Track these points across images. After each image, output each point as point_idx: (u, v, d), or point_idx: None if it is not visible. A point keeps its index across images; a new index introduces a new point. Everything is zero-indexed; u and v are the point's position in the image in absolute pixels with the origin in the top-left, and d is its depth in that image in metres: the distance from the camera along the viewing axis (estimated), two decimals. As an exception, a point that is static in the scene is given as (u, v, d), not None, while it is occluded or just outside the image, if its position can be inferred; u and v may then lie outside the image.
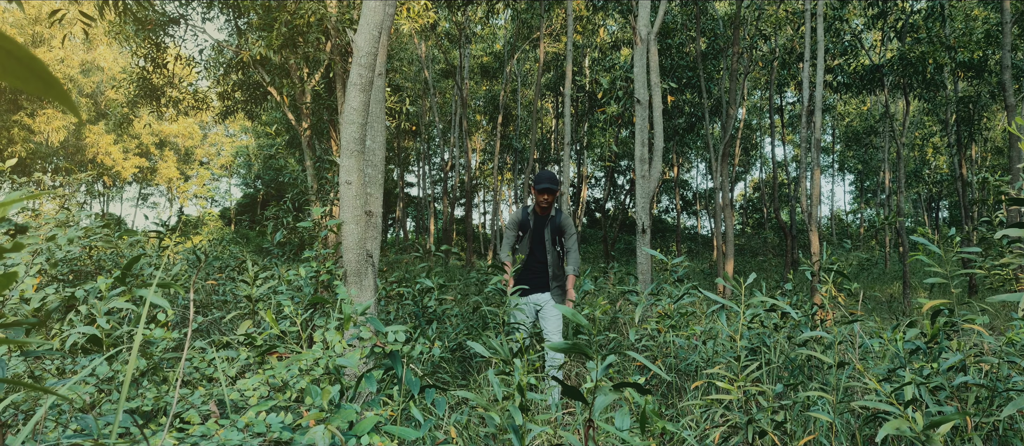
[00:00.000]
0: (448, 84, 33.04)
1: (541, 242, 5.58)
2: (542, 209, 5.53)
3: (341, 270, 4.46)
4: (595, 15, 21.21)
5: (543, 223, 5.61)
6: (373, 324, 3.12)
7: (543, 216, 5.62)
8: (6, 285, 0.65)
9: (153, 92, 16.34)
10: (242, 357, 3.10)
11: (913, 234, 19.43)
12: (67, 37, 7.14)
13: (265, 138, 44.40)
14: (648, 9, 8.73)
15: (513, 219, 5.68)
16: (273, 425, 2.06)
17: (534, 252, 5.59)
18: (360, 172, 4.40)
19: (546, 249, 5.55)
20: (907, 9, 17.08)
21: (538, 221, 5.62)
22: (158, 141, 47.05)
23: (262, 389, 2.32)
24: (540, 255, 5.59)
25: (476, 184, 43.17)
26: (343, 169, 4.37)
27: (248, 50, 11.46)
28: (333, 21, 10.87)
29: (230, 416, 2.17)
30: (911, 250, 19.91)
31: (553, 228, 5.59)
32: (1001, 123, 31.04)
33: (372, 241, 4.67)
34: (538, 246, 5.59)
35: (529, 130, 31.23)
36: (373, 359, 3.06)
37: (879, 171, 39.63)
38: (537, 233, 5.60)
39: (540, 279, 5.59)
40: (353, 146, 4.35)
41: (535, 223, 5.61)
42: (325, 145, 18.65)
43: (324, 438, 2.00)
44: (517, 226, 5.61)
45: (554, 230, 5.59)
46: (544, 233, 5.58)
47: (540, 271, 5.58)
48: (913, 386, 2.50)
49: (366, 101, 4.33)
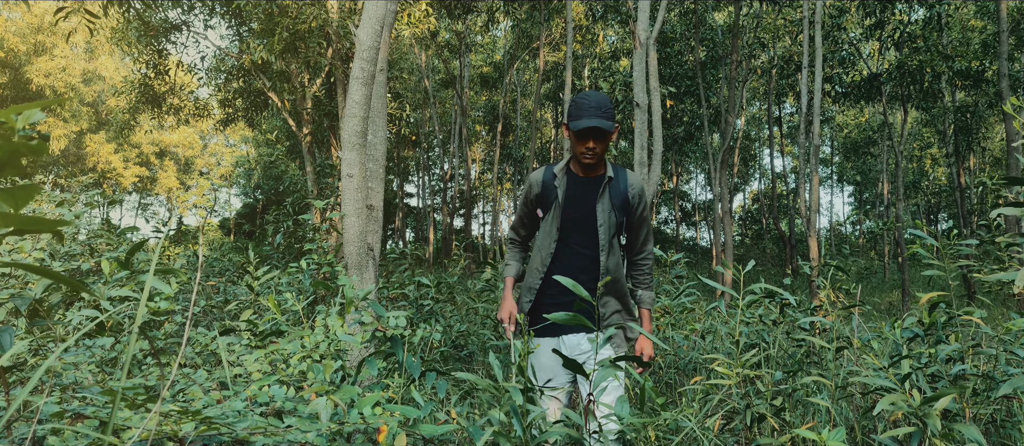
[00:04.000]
0: (448, 94, 33.15)
1: (586, 227, 2.87)
2: (587, 165, 2.85)
3: (342, 263, 4.49)
4: (595, 24, 21.33)
5: (590, 191, 2.88)
6: (374, 308, 3.14)
7: (588, 178, 2.89)
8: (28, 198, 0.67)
9: (154, 99, 16.41)
10: (243, 341, 3.12)
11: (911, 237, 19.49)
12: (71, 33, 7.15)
13: (265, 148, 44.50)
14: (647, 13, 8.80)
15: (530, 186, 3.00)
16: (277, 395, 2.08)
17: (570, 247, 2.89)
18: (362, 166, 4.44)
19: (598, 241, 2.84)
20: (904, 19, 17.19)
21: (578, 188, 2.89)
22: (158, 151, 47.13)
23: (265, 365, 2.34)
24: (582, 252, 2.87)
25: (476, 194, 43.22)
26: (345, 162, 4.41)
27: (250, 55, 11.53)
28: (334, 26, 10.95)
29: (232, 390, 2.19)
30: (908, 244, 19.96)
31: (613, 200, 2.87)
32: (999, 134, 31.16)
33: (373, 234, 4.70)
34: (579, 234, 2.87)
35: (528, 140, 31.30)
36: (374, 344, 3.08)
37: (878, 182, 39.72)
38: (578, 210, 2.88)
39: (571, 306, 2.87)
40: (355, 139, 4.38)
41: (572, 192, 2.89)
42: (325, 153, 18.70)
43: (326, 409, 2.02)
44: (536, 199, 2.97)
45: (616, 204, 2.87)
46: (593, 210, 2.86)
47: (582, 285, 2.84)
48: (910, 366, 2.52)
49: (368, 95, 4.37)
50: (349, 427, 1.96)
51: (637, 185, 2.93)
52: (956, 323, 3.97)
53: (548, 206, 2.92)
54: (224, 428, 1.77)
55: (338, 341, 2.97)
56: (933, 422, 2.20)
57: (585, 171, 2.90)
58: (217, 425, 1.76)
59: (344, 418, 2.00)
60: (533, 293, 2.93)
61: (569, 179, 2.91)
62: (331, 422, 1.97)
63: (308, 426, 1.90)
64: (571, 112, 2.77)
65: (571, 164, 2.94)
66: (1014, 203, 2.37)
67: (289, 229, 10.13)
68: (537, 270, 2.92)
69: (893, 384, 2.31)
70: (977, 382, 3.60)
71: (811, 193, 11.74)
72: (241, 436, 1.83)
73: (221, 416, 1.87)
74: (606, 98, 2.75)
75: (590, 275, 2.84)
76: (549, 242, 2.89)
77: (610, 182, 2.89)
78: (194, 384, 2.40)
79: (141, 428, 1.25)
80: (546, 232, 2.91)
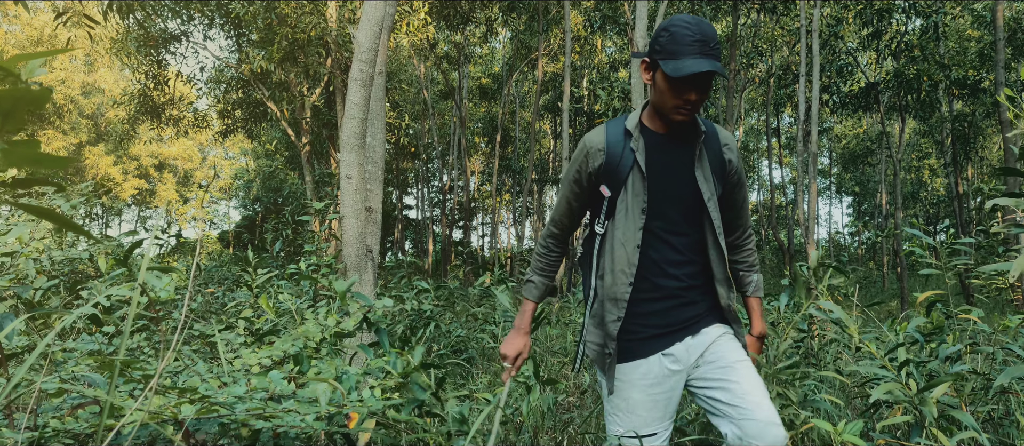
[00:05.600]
0: (447, 105, 33.25)
1: (682, 204, 2.10)
2: (683, 116, 2.00)
3: (341, 265, 4.50)
4: (593, 35, 21.43)
5: (681, 154, 2.11)
6: (360, 299, 3.15)
7: (675, 137, 2.11)
8: (42, 102, 0.69)
9: (153, 110, 16.46)
10: (241, 339, 3.13)
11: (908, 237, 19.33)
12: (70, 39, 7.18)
13: (265, 159, 44.58)
14: (645, 21, 8.86)
15: (586, 154, 2.14)
16: (275, 381, 2.09)
17: (657, 235, 2.10)
18: (360, 167, 4.46)
19: (703, 222, 2.12)
20: (902, 29, 17.28)
21: (663, 151, 2.10)
22: (157, 163, 47.20)
23: (264, 359, 2.36)
24: (676, 240, 2.11)
25: (475, 206, 43.27)
26: (343, 164, 4.43)
27: (249, 64, 11.58)
28: (333, 35, 11.01)
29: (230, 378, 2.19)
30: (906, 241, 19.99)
31: (713, 165, 2.13)
32: (996, 144, 31.26)
33: (372, 236, 4.72)
34: (672, 215, 2.09)
35: (527, 151, 31.40)
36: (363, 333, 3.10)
37: (876, 193, 39.79)
38: (669, 182, 2.09)
39: (683, 308, 2.14)
40: (354, 141, 4.41)
41: (656, 157, 2.09)
42: (324, 163, 18.75)
43: (325, 393, 2.03)
44: (599, 172, 2.12)
45: (715, 170, 2.14)
46: (692, 178, 2.10)
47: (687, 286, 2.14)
48: (906, 354, 2.52)
49: (366, 97, 4.39)
50: (347, 409, 1.97)
51: (732, 142, 2.15)
52: (954, 323, 3.98)
53: (620, 180, 2.05)
54: (223, 410, 1.78)
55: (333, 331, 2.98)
56: (929, 408, 2.20)
57: (671, 127, 2.07)
58: (217, 407, 1.77)
59: (343, 402, 2.01)
60: (622, 307, 2.05)
61: (648, 138, 2.07)
62: (330, 405, 1.98)
63: (307, 409, 1.92)
64: (664, 47, 1.91)
65: (646, 117, 2.10)
66: (1011, 194, 2.38)
67: (288, 238, 10.15)
68: (624, 273, 2.04)
69: (890, 373, 2.32)
70: (975, 381, 3.61)
71: (809, 202, 11.77)
72: (241, 418, 1.83)
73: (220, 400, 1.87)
74: (710, 27, 1.93)
75: (695, 269, 2.10)
76: (633, 231, 2.03)
77: (705, 140, 2.09)
78: (194, 374, 2.41)
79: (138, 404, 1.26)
80: (626, 217, 2.04)
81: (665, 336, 2.09)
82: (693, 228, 2.10)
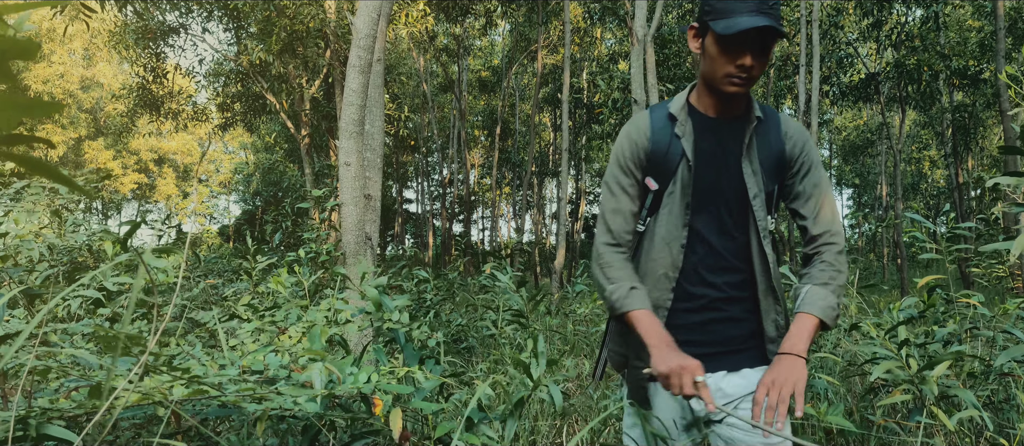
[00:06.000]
0: (447, 98, 33.22)
1: (727, 199, 1.78)
2: (729, 96, 1.73)
3: (339, 253, 4.50)
4: (593, 26, 21.39)
5: (729, 141, 1.79)
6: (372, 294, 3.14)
7: (725, 121, 1.79)
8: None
9: (153, 103, 16.44)
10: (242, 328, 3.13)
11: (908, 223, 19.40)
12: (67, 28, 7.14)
13: (264, 153, 44.58)
14: (644, 10, 8.83)
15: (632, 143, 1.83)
16: (272, 364, 2.08)
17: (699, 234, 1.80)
18: (359, 154, 4.45)
19: (748, 222, 1.79)
20: (902, 19, 17.24)
21: (711, 138, 1.79)
22: (157, 158, 47.18)
23: (262, 338, 2.35)
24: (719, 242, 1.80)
25: (475, 200, 43.28)
26: (342, 151, 4.42)
27: (248, 55, 11.56)
28: (332, 26, 10.99)
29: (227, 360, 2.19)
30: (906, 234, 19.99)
31: (762, 157, 1.79)
32: (997, 135, 31.24)
33: (371, 224, 4.71)
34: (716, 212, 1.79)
35: (527, 144, 31.40)
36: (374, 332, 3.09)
37: (877, 185, 39.79)
38: (714, 173, 1.78)
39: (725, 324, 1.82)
40: (352, 128, 4.40)
41: (703, 145, 1.79)
42: (324, 156, 18.73)
43: (321, 376, 2.02)
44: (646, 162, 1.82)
45: (766, 164, 1.80)
46: (738, 170, 1.78)
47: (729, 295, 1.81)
48: (908, 337, 2.52)
49: (365, 83, 4.38)
50: (341, 390, 1.96)
51: (798, 133, 1.81)
52: (954, 308, 3.98)
53: (669, 170, 1.76)
54: (214, 390, 1.77)
55: (338, 321, 2.97)
56: (930, 387, 2.20)
57: (722, 107, 1.76)
58: (207, 388, 1.76)
59: (338, 387, 2.00)
60: (663, 316, 1.79)
61: (696, 121, 1.78)
62: (325, 389, 1.97)
63: (299, 392, 1.90)
64: (715, 6, 1.64)
65: (694, 97, 1.81)
66: (1012, 173, 2.37)
67: (288, 229, 10.14)
68: (666, 278, 1.77)
69: (890, 352, 2.31)
70: (974, 364, 3.60)
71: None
72: (231, 400, 1.83)
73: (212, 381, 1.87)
74: None
75: (737, 279, 1.78)
76: (677, 231, 1.76)
77: (759, 126, 1.78)
78: (191, 359, 2.40)
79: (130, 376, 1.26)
80: (670, 213, 1.76)
81: (703, 358, 1.70)
82: (739, 230, 1.77)
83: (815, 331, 1.64)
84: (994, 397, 3.71)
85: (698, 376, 1.53)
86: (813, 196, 1.78)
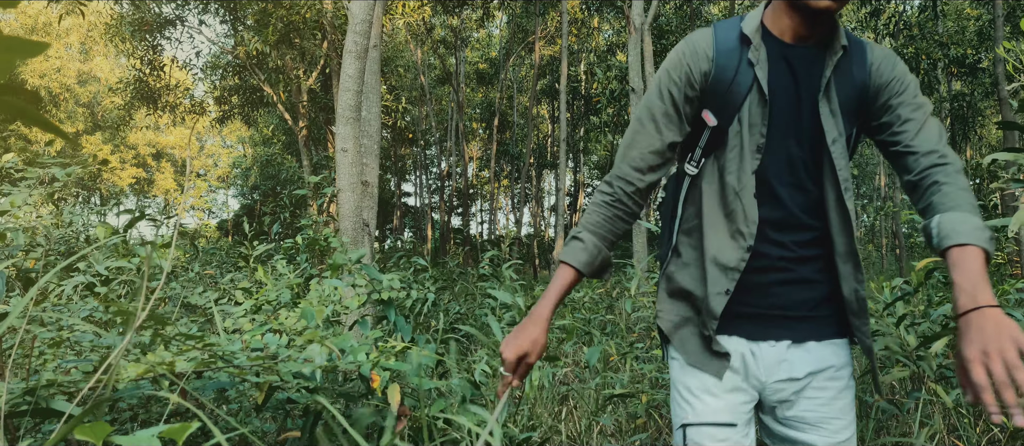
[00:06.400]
0: (444, 90, 33.19)
1: (803, 143, 1.46)
2: (817, 16, 1.37)
3: (338, 238, 4.49)
4: (590, 17, 21.35)
5: (807, 75, 1.45)
6: (368, 272, 3.14)
7: (805, 50, 1.45)
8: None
9: (149, 96, 16.40)
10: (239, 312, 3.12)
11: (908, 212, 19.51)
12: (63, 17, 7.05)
13: (262, 147, 44.55)
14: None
15: (686, 63, 1.48)
16: (270, 343, 2.08)
17: (769, 184, 1.46)
18: (356, 140, 4.44)
19: (823, 175, 1.47)
20: (900, 8, 17.22)
21: (786, 70, 1.45)
22: (155, 152, 47.12)
23: (260, 318, 2.35)
24: (793, 194, 1.47)
25: (473, 193, 43.26)
26: (339, 137, 4.41)
27: (244, 46, 11.54)
28: (329, 17, 10.96)
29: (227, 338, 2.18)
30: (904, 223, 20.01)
31: (841, 95, 1.46)
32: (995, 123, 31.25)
33: (368, 210, 4.70)
34: (790, 157, 1.46)
35: (525, 136, 31.37)
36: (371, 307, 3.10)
37: (875, 175, 39.81)
38: (789, 111, 1.45)
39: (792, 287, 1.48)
40: (349, 114, 4.38)
41: (778, 77, 1.44)
42: (322, 149, 18.70)
43: (321, 354, 2.02)
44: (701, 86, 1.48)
45: (846, 102, 1.47)
46: (815, 109, 1.45)
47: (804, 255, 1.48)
48: (904, 307, 2.52)
49: (361, 68, 4.36)
50: (342, 365, 1.96)
51: (885, 58, 1.48)
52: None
53: (733, 105, 1.45)
54: (221, 361, 1.77)
55: (335, 302, 2.97)
56: (929, 363, 2.20)
57: (804, 31, 1.43)
58: (214, 359, 1.76)
59: (337, 362, 2.00)
60: (734, 278, 1.45)
61: (770, 48, 1.46)
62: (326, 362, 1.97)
63: (300, 366, 1.90)
64: None
65: (768, 18, 1.49)
66: (1010, 149, 2.37)
67: (286, 220, 10.13)
68: (740, 234, 1.46)
69: (887, 329, 2.31)
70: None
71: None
72: (235, 371, 1.82)
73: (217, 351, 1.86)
74: None
75: (810, 237, 1.48)
76: (747, 177, 1.45)
77: (843, 58, 1.47)
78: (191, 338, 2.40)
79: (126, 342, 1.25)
80: (738, 157, 1.46)
81: (760, 321, 1.47)
82: (812, 180, 1.46)
83: (985, 266, 1.20)
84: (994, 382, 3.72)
85: (506, 369, 1.42)
86: (914, 118, 1.44)
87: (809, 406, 1.46)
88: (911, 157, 1.41)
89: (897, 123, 1.44)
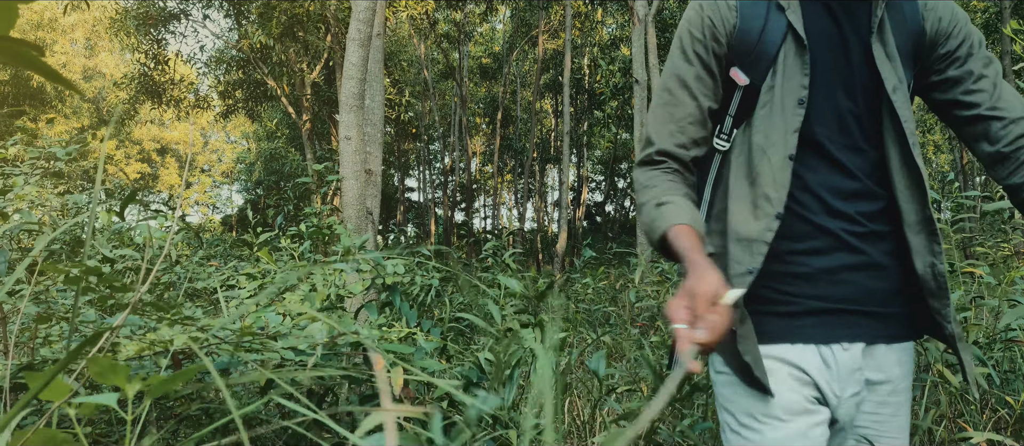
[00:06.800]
0: (448, 85, 33.16)
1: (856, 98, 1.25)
2: None
3: (341, 226, 4.49)
4: (594, 11, 21.32)
5: (850, 23, 1.25)
6: (370, 256, 3.13)
7: None
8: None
9: (154, 90, 16.43)
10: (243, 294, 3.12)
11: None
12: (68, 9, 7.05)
13: (266, 141, 44.61)
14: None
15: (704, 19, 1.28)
16: (272, 321, 2.08)
17: (820, 145, 1.23)
18: (359, 128, 4.43)
19: (883, 131, 1.25)
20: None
21: (825, 18, 1.26)
22: (160, 147, 47.23)
23: (262, 299, 2.34)
24: (847, 158, 1.24)
25: (476, 188, 43.27)
26: (343, 125, 4.40)
27: (248, 39, 11.55)
28: (332, 10, 10.96)
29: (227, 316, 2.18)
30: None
31: (898, 39, 1.26)
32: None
33: (372, 199, 4.70)
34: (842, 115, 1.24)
35: (529, 131, 31.36)
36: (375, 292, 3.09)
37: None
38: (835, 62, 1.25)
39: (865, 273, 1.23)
40: (352, 101, 4.38)
41: (817, 25, 1.25)
42: (325, 143, 18.73)
43: (322, 332, 2.02)
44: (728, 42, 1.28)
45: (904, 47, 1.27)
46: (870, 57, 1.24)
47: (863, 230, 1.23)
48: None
49: (364, 56, 4.36)
50: (343, 341, 1.96)
51: (946, 4, 1.30)
52: (958, 278, 3.96)
53: (766, 58, 1.25)
54: (215, 341, 1.76)
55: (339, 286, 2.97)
56: (933, 346, 2.18)
57: None
58: (209, 338, 1.75)
59: (341, 339, 2.00)
60: (759, 253, 1.21)
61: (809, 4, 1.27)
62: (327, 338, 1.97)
63: (301, 342, 1.90)
64: None
65: None
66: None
67: (290, 212, 10.14)
68: (766, 199, 1.22)
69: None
70: (979, 333, 3.58)
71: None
72: (232, 347, 1.82)
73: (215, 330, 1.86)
74: None
75: (875, 207, 1.25)
76: (782, 135, 1.23)
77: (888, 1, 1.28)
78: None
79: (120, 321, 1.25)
80: (772, 114, 1.25)
81: (838, 315, 1.22)
82: (871, 138, 1.25)
83: None
84: (999, 366, 3.69)
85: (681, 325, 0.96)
86: (987, 75, 1.25)
87: (864, 420, 1.26)
88: (997, 123, 1.22)
89: (969, 80, 1.25)
